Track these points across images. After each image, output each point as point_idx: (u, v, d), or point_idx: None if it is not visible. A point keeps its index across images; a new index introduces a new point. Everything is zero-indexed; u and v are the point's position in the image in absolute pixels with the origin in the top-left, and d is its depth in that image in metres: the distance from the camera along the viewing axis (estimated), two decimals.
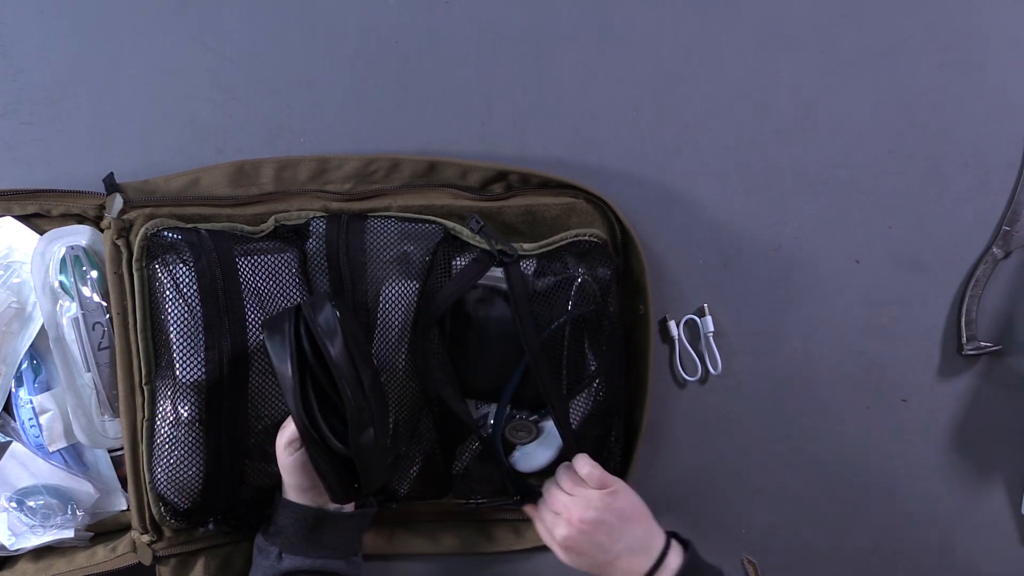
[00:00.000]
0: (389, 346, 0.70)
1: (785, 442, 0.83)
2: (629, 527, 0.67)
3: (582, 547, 0.67)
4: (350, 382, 0.59)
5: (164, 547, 0.71)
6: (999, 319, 0.82)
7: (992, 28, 0.79)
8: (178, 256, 0.66)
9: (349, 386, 0.59)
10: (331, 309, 0.60)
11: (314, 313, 0.60)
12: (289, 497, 0.68)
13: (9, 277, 0.72)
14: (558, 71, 0.78)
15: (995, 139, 0.80)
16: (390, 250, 0.70)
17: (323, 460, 0.61)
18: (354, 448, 0.60)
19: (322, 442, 0.61)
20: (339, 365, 0.59)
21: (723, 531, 0.84)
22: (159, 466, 0.67)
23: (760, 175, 0.80)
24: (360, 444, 0.60)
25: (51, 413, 0.72)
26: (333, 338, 0.59)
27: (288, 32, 0.77)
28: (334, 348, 0.59)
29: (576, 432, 0.73)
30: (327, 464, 0.62)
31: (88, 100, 0.76)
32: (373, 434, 0.61)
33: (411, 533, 0.79)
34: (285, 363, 0.59)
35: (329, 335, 0.59)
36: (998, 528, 0.85)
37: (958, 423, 0.83)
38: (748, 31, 0.79)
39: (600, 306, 0.71)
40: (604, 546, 0.66)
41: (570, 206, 0.73)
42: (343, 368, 0.59)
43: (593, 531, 0.66)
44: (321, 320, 0.60)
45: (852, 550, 0.85)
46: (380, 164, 0.74)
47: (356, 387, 0.60)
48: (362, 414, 0.60)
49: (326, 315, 0.60)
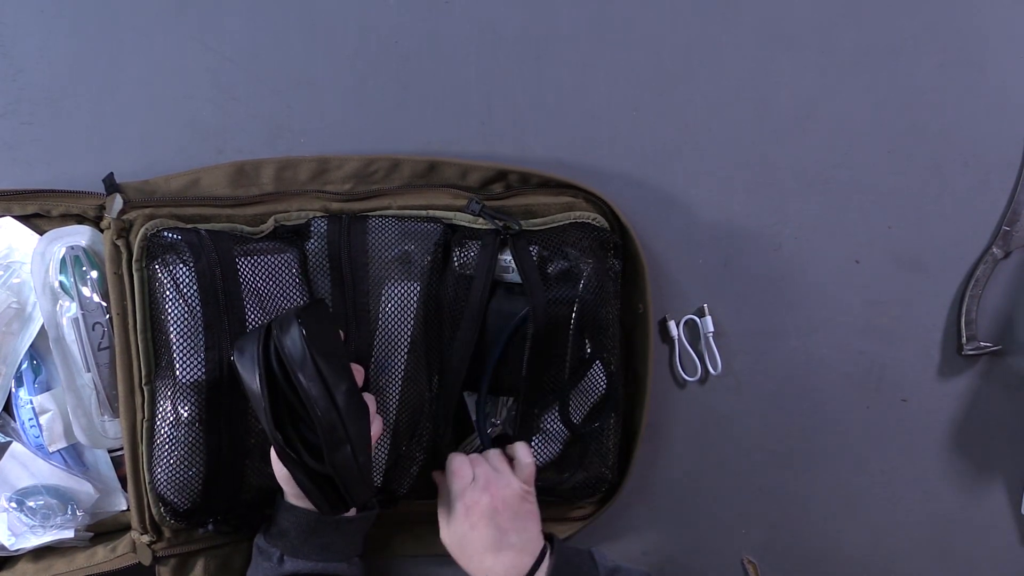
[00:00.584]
0: (390, 348, 0.70)
1: (785, 442, 0.83)
2: (527, 525, 0.67)
3: (483, 521, 0.66)
4: (321, 404, 0.58)
5: (164, 547, 0.71)
6: (999, 319, 0.82)
7: (992, 28, 0.80)
8: (178, 256, 0.66)
9: (320, 408, 0.58)
10: (297, 329, 0.59)
11: (281, 334, 0.59)
12: (292, 502, 0.68)
13: (9, 277, 0.72)
14: (558, 71, 0.78)
15: (995, 139, 0.80)
16: (391, 250, 0.70)
17: (304, 477, 0.60)
18: (331, 466, 0.59)
19: (300, 461, 0.60)
20: (308, 390, 0.58)
21: (723, 531, 0.84)
22: (159, 466, 0.67)
23: (760, 175, 0.80)
24: (336, 462, 0.59)
25: (51, 413, 0.72)
26: (302, 362, 0.58)
27: (288, 32, 0.77)
28: (303, 373, 0.58)
29: (577, 425, 0.73)
30: (309, 481, 0.61)
31: (88, 100, 0.76)
32: (350, 450, 0.60)
33: (409, 535, 0.79)
34: (255, 383, 0.59)
35: (298, 359, 0.58)
36: (998, 528, 0.85)
37: (958, 423, 0.83)
38: (748, 31, 0.79)
39: (598, 293, 0.71)
40: (502, 528, 0.66)
41: (569, 205, 0.73)
42: (312, 391, 0.58)
43: (502, 511, 0.66)
44: (288, 343, 0.58)
45: (852, 550, 0.85)
46: (380, 164, 0.74)
47: (328, 407, 0.59)
48: (335, 433, 0.59)
49: (292, 337, 0.58)
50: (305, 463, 0.60)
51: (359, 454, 0.61)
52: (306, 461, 0.60)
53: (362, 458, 0.61)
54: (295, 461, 0.60)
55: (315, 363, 0.58)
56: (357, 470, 0.61)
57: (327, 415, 0.59)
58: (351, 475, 0.61)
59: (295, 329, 0.59)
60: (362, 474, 0.61)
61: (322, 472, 0.60)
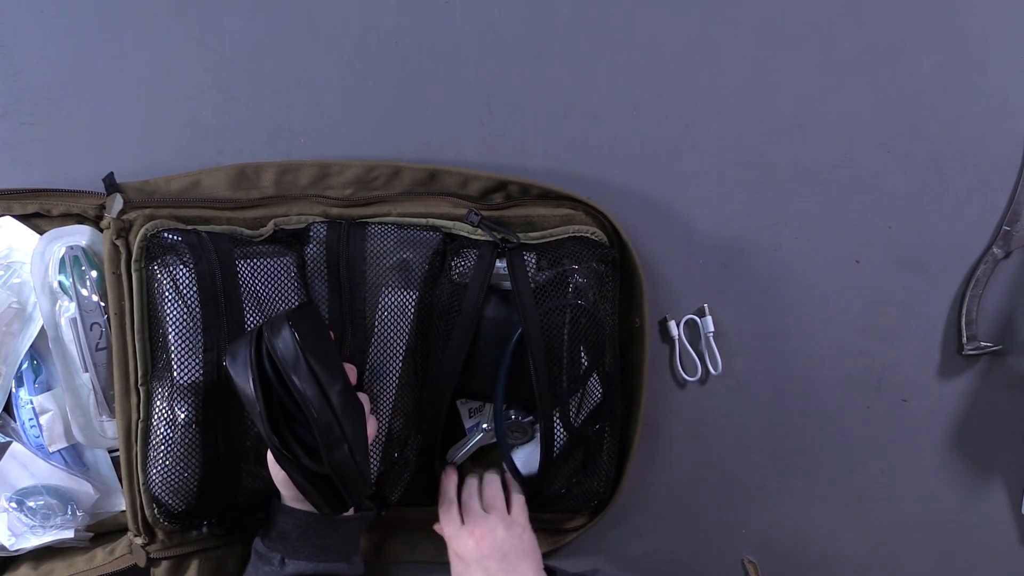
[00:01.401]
0: (385, 355, 0.70)
1: (785, 442, 0.83)
2: (520, 566, 0.68)
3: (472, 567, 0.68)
4: (316, 404, 0.58)
5: (157, 549, 0.71)
6: (999, 319, 0.82)
7: (992, 28, 0.80)
8: (178, 258, 0.66)
9: (315, 408, 0.58)
10: (288, 331, 0.58)
11: (272, 337, 0.59)
12: (288, 505, 0.68)
13: (9, 277, 0.72)
14: (558, 71, 0.78)
15: (995, 139, 0.80)
16: (389, 257, 0.70)
17: (302, 479, 0.60)
18: (329, 466, 0.59)
19: (297, 462, 0.60)
20: (302, 391, 0.58)
21: (723, 531, 0.84)
22: (154, 467, 0.67)
23: (760, 175, 0.80)
24: (335, 461, 0.59)
25: (51, 413, 0.72)
26: (296, 363, 0.58)
27: (288, 32, 0.77)
28: (296, 374, 0.58)
29: (576, 431, 0.73)
30: (307, 482, 0.61)
31: (88, 100, 0.76)
32: (347, 449, 0.60)
33: (400, 541, 0.79)
34: (248, 387, 0.58)
35: (291, 361, 0.58)
36: (998, 528, 0.85)
37: (958, 423, 0.83)
38: (748, 31, 0.79)
39: (593, 304, 0.71)
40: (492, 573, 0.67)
41: (569, 218, 0.73)
42: (307, 392, 0.58)
43: (489, 555, 0.67)
44: (280, 345, 0.58)
45: (852, 550, 0.85)
46: (381, 171, 0.74)
47: (324, 407, 0.59)
48: (332, 433, 0.59)
49: (284, 339, 0.58)
50: (302, 464, 0.60)
51: (356, 453, 0.61)
52: (303, 462, 0.60)
53: (359, 457, 0.61)
54: (292, 463, 0.60)
55: (308, 364, 0.58)
56: (355, 469, 0.61)
57: (323, 415, 0.58)
58: (349, 474, 0.60)
59: (286, 331, 0.59)
60: (360, 473, 0.61)
61: (320, 473, 0.60)
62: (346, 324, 0.70)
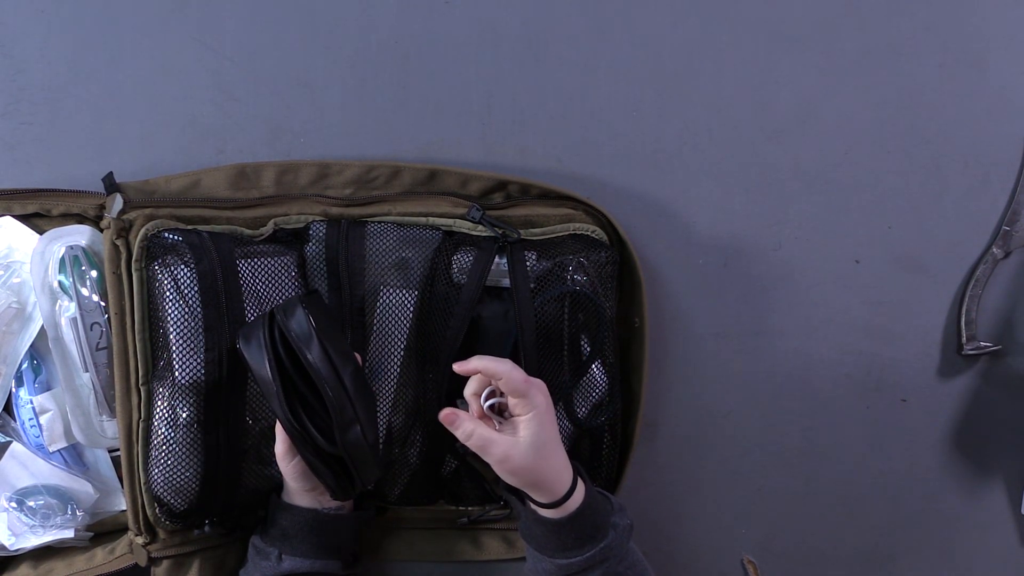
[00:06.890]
0: (385, 353, 0.71)
1: (785, 442, 0.83)
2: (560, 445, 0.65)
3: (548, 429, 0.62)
4: (331, 383, 0.60)
5: (159, 548, 0.71)
6: (999, 319, 0.82)
7: (992, 28, 0.79)
8: (179, 257, 0.66)
9: (330, 387, 0.59)
10: (303, 312, 0.60)
11: (286, 318, 0.60)
12: (292, 500, 0.68)
13: (9, 277, 0.72)
14: (558, 71, 0.78)
15: (995, 139, 0.80)
16: (389, 256, 0.70)
17: (317, 460, 0.62)
18: (342, 446, 0.61)
19: (312, 443, 0.61)
20: (318, 369, 0.59)
21: (723, 531, 0.84)
22: (156, 467, 0.67)
23: (760, 175, 0.80)
24: (348, 442, 0.61)
25: (51, 413, 0.72)
26: (309, 343, 0.59)
27: (288, 32, 0.77)
28: (311, 353, 0.59)
29: (582, 423, 0.73)
30: (322, 464, 0.62)
31: (88, 100, 0.76)
32: (360, 430, 0.61)
33: (400, 540, 0.79)
34: (264, 369, 0.60)
35: (304, 340, 0.60)
36: (998, 528, 0.85)
37: (958, 423, 0.83)
38: (748, 31, 0.79)
39: (595, 293, 0.71)
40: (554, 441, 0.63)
41: (569, 217, 0.73)
42: (322, 371, 0.59)
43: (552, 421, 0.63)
44: (294, 325, 0.60)
45: (852, 550, 0.85)
46: (381, 171, 0.74)
47: (338, 387, 0.60)
48: (345, 413, 0.60)
49: (299, 319, 0.60)
50: (316, 445, 0.61)
51: (368, 434, 0.62)
52: (318, 442, 0.61)
53: (371, 438, 0.62)
54: (307, 443, 0.61)
55: (322, 344, 0.60)
56: (367, 450, 0.62)
57: (337, 394, 0.60)
58: (362, 454, 0.62)
59: (300, 312, 0.60)
60: (372, 453, 0.63)
61: (332, 454, 0.62)
62: (346, 322, 0.70)
